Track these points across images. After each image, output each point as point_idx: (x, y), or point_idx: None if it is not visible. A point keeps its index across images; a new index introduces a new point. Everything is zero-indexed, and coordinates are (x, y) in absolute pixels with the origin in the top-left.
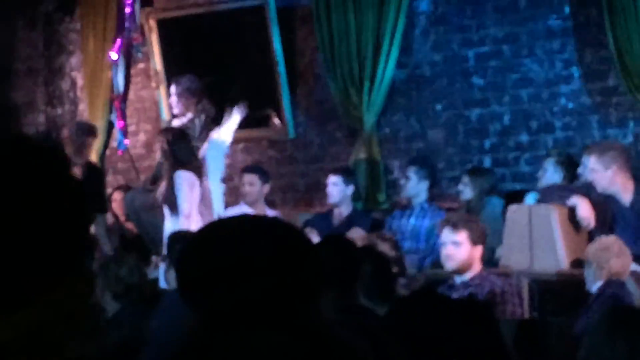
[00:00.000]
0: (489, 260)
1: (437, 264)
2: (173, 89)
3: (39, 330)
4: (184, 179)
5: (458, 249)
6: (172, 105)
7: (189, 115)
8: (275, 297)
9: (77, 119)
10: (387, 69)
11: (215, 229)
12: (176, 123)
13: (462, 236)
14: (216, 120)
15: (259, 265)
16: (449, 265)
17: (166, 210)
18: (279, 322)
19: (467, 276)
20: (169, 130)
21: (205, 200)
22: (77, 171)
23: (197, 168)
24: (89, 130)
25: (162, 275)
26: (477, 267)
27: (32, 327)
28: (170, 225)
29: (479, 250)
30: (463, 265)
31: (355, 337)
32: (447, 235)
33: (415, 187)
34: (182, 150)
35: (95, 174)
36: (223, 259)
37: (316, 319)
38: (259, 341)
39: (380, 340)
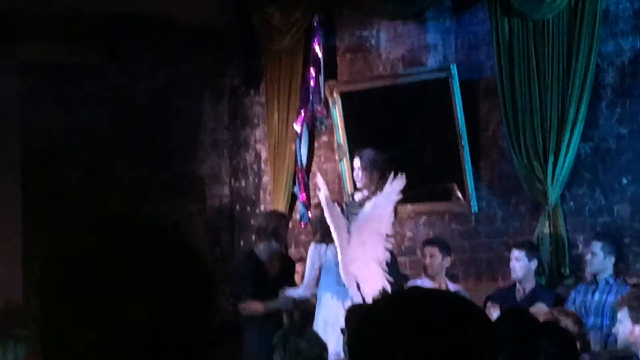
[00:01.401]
0: None
1: None
2: (357, 162)
3: None
4: (315, 250)
5: None
6: (355, 179)
7: (372, 188)
8: None
9: (260, 191)
10: (572, 142)
11: (387, 304)
12: (359, 196)
13: None
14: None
15: (429, 343)
16: (635, 349)
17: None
18: None
19: None
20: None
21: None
22: (274, 260)
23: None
24: (281, 216)
25: (342, 347)
26: None
27: None
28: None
29: None
30: None
31: None
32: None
33: (601, 262)
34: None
35: (289, 265)
36: (392, 334)
37: None
38: None
39: None
